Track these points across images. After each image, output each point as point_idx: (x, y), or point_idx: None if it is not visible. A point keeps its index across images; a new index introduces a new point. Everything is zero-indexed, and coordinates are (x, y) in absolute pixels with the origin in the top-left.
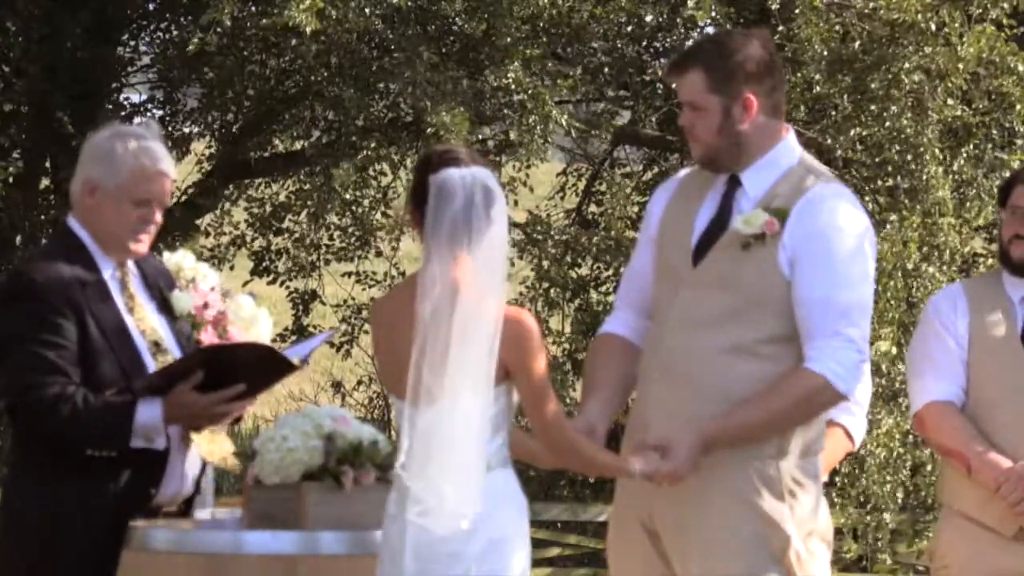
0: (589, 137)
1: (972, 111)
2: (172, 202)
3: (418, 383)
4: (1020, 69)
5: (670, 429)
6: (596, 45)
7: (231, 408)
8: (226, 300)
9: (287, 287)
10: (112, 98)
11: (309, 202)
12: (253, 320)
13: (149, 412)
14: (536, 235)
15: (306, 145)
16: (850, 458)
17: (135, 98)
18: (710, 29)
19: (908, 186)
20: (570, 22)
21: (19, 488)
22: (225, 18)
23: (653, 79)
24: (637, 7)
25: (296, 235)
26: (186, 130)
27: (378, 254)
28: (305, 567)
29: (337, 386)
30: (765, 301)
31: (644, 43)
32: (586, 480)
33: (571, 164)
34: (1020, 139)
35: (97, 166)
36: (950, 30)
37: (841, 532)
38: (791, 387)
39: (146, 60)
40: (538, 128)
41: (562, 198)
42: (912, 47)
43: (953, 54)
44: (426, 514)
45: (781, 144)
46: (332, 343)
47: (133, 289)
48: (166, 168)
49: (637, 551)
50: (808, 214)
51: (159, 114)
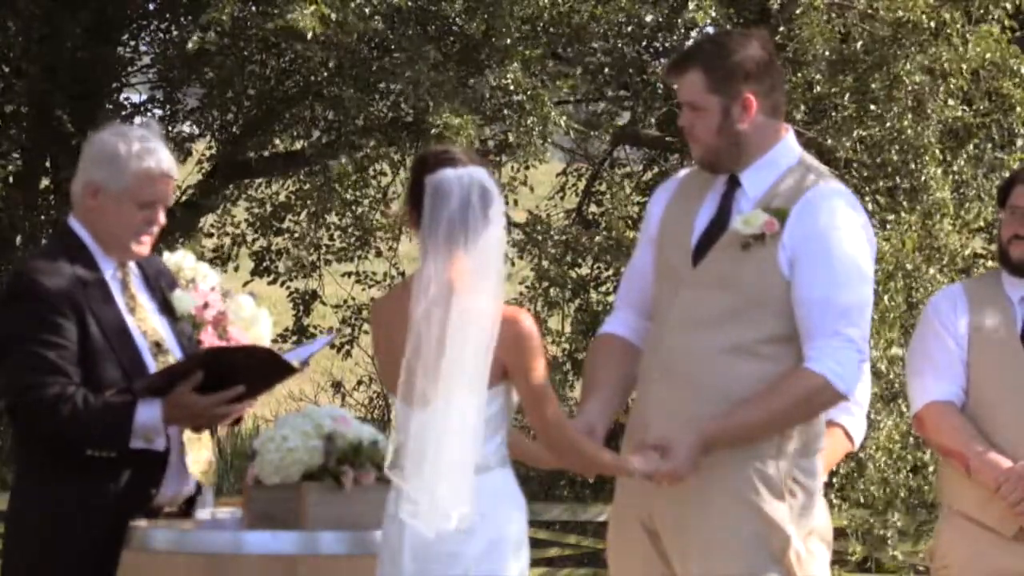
0: (589, 137)
1: (972, 112)
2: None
3: (410, 383)
4: (1022, 71)
5: (670, 429)
6: (596, 45)
7: (231, 409)
8: (226, 300)
9: (287, 287)
10: (112, 98)
11: (309, 202)
12: (253, 320)
13: (149, 413)
14: (536, 235)
15: (306, 145)
16: (851, 459)
17: (135, 98)
18: (710, 29)
19: (908, 187)
20: (570, 22)
21: (19, 488)
22: (225, 18)
23: (653, 79)
24: (637, 7)
25: (296, 235)
26: (186, 130)
27: (378, 254)
28: (305, 567)
29: (337, 386)
30: (765, 301)
31: (644, 43)
32: (586, 480)
33: (571, 164)
34: (1020, 139)
35: (100, 168)
36: (951, 30)
37: (845, 533)
38: (791, 387)
39: (146, 60)
40: (537, 129)
41: (562, 198)
42: (914, 47)
43: (956, 55)
44: (417, 514)
45: (780, 144)
46: (332, 344)
47: (134, 289)
48: (170, 169)
49: (637, 551)
50: (808, 214)
51: (159, 114)
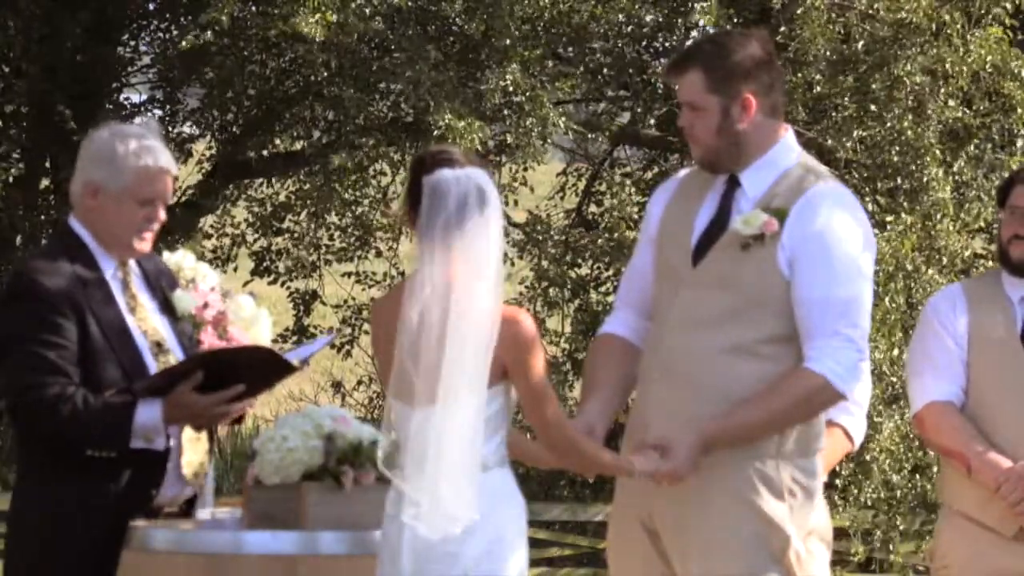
0: (588, 138)
1: (973, 112)
2: (173, 202)
3: (407, 382)
4: (1022, 74)
5: (670, 429)
6: (596, 45)
7: (231, 408)
8: (226, 300)
9: (288, 287)
10: (112, 98)
11: (309, 202)
12: (253, 320)
13: (149, 413)
14: (536, 235)
15: (306, 145)
16: (853, 461)
17: (135, 98)
18: (710, 29)
19: (908, 187)
20: (570, 22)
21: (19, 488)
22: (224, 18)
23: (653, 79)
24: (637, 7)
25: (296, 235)
26: (186, 130)
27: (378, 254)
28: (305, 567)
29: (337, 386)
30: (765, 301)
31: (644, 43)
32: (586, 480)
33: (571, 164)
34: (1020, 140)
35: (99, 168)
36: (951, 31)
37: (847, 534)
38: (791, 387)
39: (146, 60)
40: (536, 131)
41: (562, 198)
42: (915, 48)
43: (957, 57)
44: (420, 517)
45: (780, 144)
46: (332, 344)
47: (135, 289)
48: (168, 166)
49: (637, 551)
50: (807, 214)
51: (159, 114)
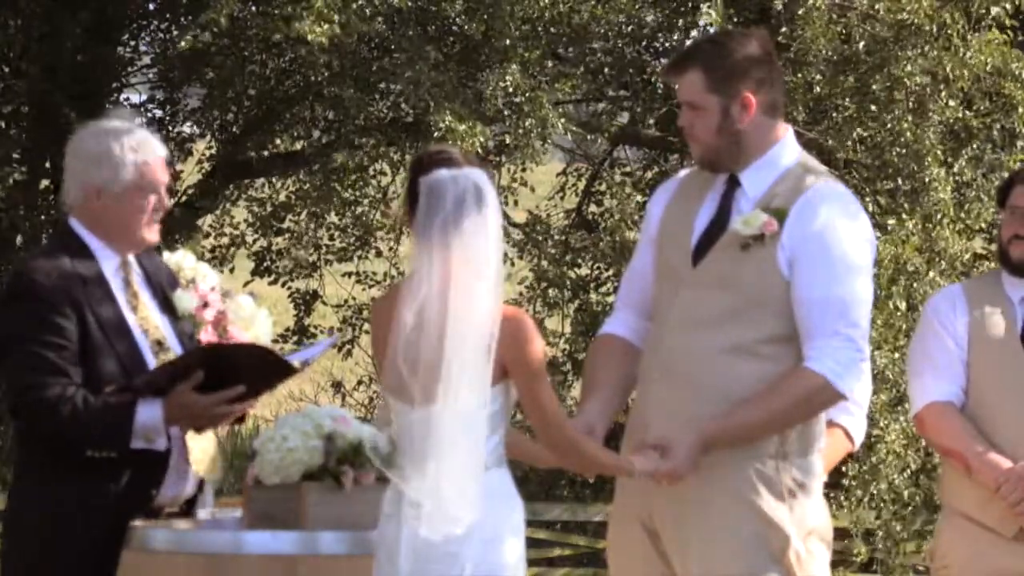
0: (588, 138)
1: (973, 113)
2: (173, 203)
3: (405, 382)
4: (1023, 75)
5: (670, 429)
6: (596, 45)
7: (232, 409)
8: (226, 300)
9: (288, 287)
10: (112, 98)
11: (309, 202)
12: (253, 320)
13: (149, 413)
14: (536, 235)
15: (306, 145)
16: (856, 461)
17: (135, 98)
18: (712, 30)
19: (909, 188)
20: (570, 22)
21: (19, 488)
22: (222, 19)
23: (653, 79)
24: (638, 7)
25: (296, 235)
26: (186, 130)
27: (378, 254)
28: (305, 567)
29: (337, 386)
30: (765, 301)
31: (644, 43)
32: (586, 480)
33: (571, 164)
34: (1020, 140)
35: (98, 169)
36: (952, 31)
37: (850, 534)
38: (791, 387)
39: (146, 60)
40: (535, 131)
41: (562, 198)
42: (915, 49)
43: (957, 59)
44: (422, 518)
45: (780, 144)
46: (333, 344)
47: (137, 287)
48: (162, 152)
49: (637, 550)
50: (807, 214)
51: (159, 114)
